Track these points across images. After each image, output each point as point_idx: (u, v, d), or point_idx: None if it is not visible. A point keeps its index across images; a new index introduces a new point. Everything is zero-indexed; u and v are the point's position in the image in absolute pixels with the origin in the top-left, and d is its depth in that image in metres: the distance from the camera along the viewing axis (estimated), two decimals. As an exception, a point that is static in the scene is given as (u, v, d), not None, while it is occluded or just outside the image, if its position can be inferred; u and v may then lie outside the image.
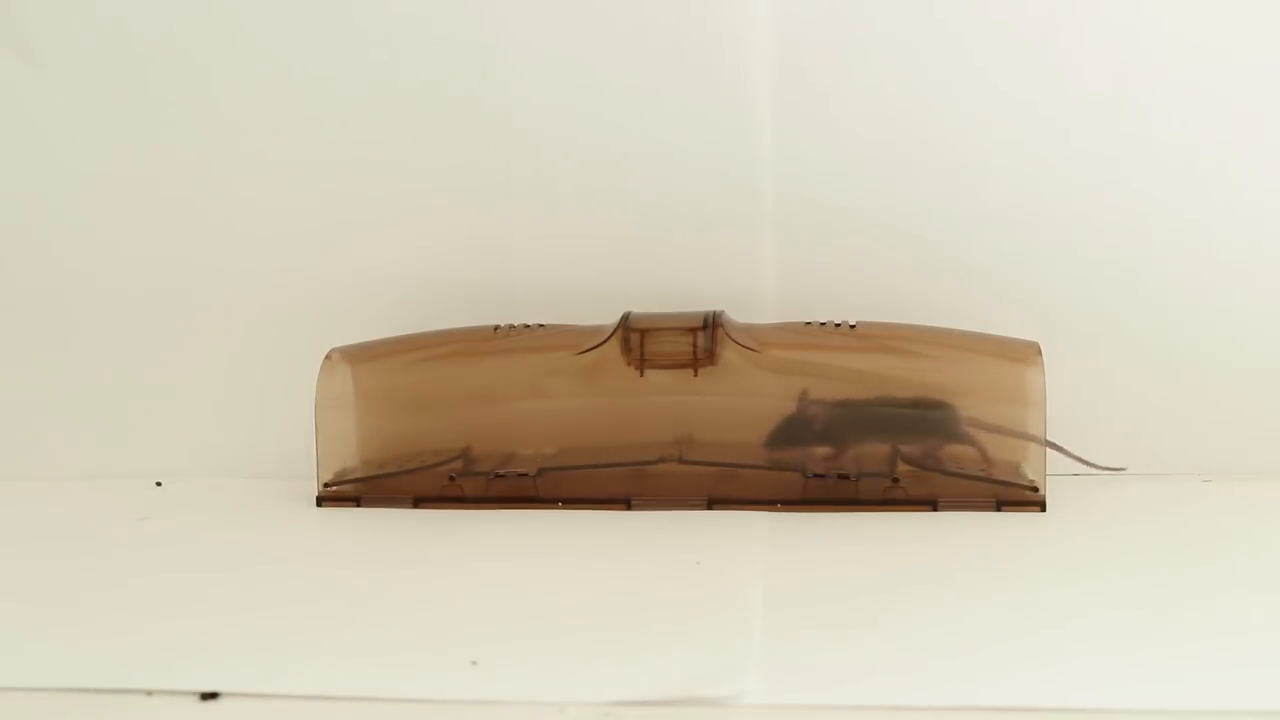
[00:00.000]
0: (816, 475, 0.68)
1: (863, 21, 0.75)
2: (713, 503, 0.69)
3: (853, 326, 0.70)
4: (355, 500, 0.72)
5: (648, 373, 0.70)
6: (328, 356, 0.73)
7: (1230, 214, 0.74)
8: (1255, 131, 0.74)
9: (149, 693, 0.46)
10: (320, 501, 0.72)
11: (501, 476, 0.71)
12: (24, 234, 0.81)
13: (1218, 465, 0.74)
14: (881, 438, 0.69)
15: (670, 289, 0.75)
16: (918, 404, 0.68)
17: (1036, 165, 0.75)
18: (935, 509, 0.67)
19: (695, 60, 0.76)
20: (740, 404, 0.70)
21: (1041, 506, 0.66)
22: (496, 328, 0.73)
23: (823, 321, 0.71)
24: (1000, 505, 0.67)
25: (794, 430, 0.69)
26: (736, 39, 0.76)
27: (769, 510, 0.68)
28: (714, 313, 0.70)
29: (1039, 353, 0.67)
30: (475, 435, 0.72)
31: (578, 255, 0.78)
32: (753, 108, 0.76)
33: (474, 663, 0.47)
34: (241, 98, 0.79)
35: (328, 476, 0.73)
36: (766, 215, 0.77)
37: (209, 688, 0.46)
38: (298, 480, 0.75)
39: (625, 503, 0.69)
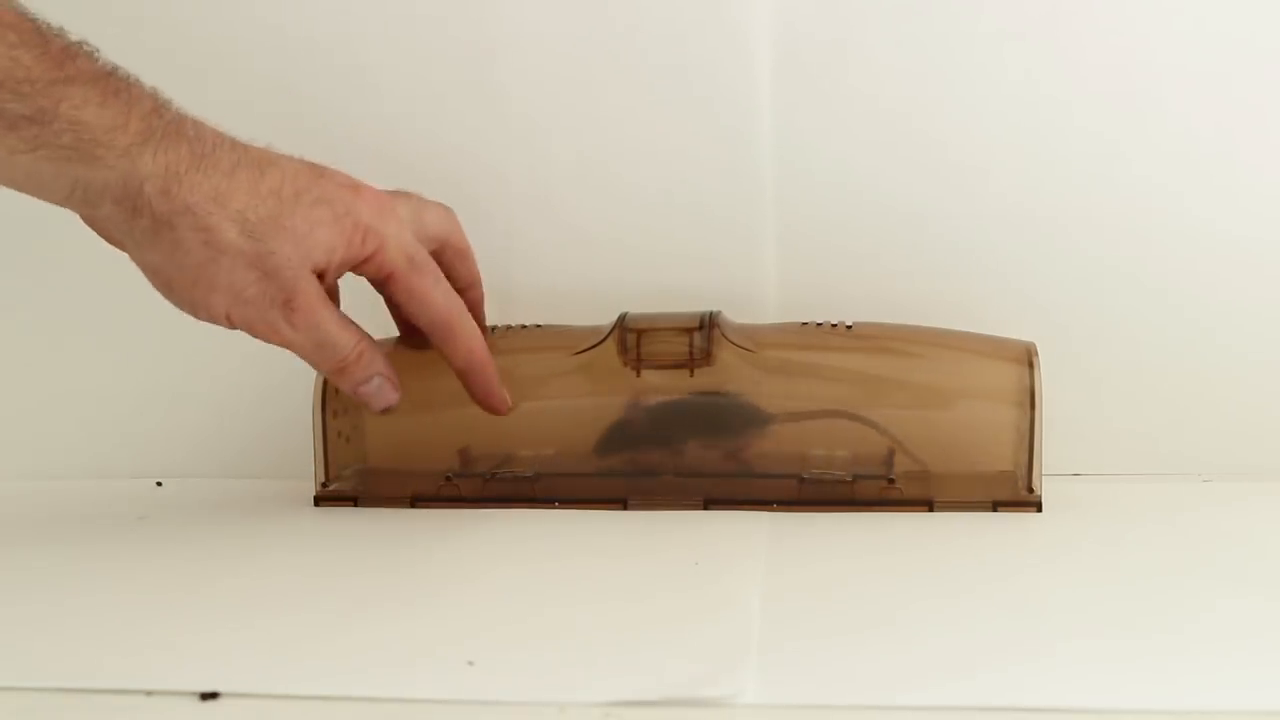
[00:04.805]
0: (813, 476, 0.68)
1: (863, 21, 0.75)
2: (709, 503, 0.69)
3: (849, 327, 0.70)
4: (353, 500, 0.72)
5: (644, 373, 0.70)
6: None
7: (1230, 213, 0.74)
8: (1256, 130, 0.74)
9: (149, 693, 0.46)
10: (318, 501, 0.72)
11: (498, 477, 0.71)
12: (23, 233, 0.81)
13: (1218, 465, 0.74)
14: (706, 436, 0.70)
15: (669, 289, 0.75)
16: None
17: (1035, 165, 0.75)
18: (931, 509, 0.67)
19: (695, 58, 0.76)
20: (736, 404, 0.70)
21: (1038, 507, 0.66)
22: (494, 328, 0.74)
23: (819, 322, 0.71)
24: (996, 506, 0.67)
25: (623, 434, 0.70)
26: (736, 37, 0.76)
27: (765, 510, 0.68)
28: (710, 313, 0.70)
29: (1035, 353, 0.67)
30: (472, 435, 0.73)
31: (576, 255, 0.78)
32: (752, 106, 0.76)
33: (470, 663, 0.47)
34: (239, 96, 0.79)
35: (325, 476, 0.73)
36: (766, 215, 0.77)
37: (209, 688, 0.46)
38: (296, 480, 0.75)
39: (621, 503, 0.69)
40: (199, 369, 0.81)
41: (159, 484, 0.79)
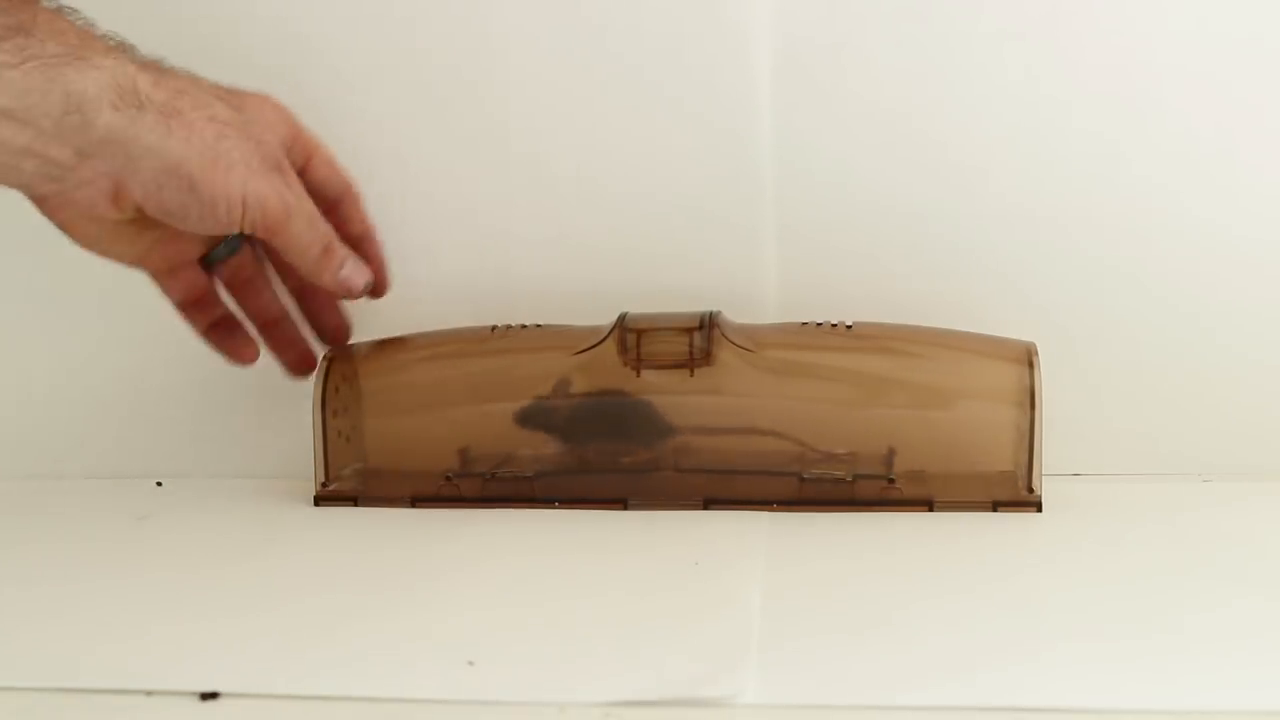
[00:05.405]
0: (813, 476, 0.68)
1: (862, 22, 0.75)
2: (709, 503, 0.69)
3: (849, 327, 0.70)
4: (353, 500, 0.72)
5: (644, 373, 0.70)
6: (326, 356, 0.73)
7: (1230, 213, 0.74)
8: (1256, 130, 0.73)
9: (149, 693, 0.46)
10: (318, 501, 0.72)
11: (498, 477, 0.71)
12: (23, 232, 0.81)
13: (1218, 465, 0.74)
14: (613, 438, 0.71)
15: (669, 289, 0.75)
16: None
17: (1035, 165, 0.75)
18: (931, 509, 0.67)
19: (694, 58, 0.76)
20: (736, 404, 0.70)
21: (1038, 507, 0.66)
22: (494, 328, 0.74)
23: (819, 322, 0.71)
24: (996, 506, 0.67)
25: (538, 414, 0.71)
26: (736, 37, 0.76)
27: (765, 510, 0.68)
28: (710, 313, 0.70)
29: (1035, 353, 0.67)
30: (472, 435, 0.73)
31: (576, 255, 0.78)
32: (752, 107, 0.76)
33: (470, 663, 0.47)
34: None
35: (325, 476, 0.73)
36: (766, 215, 0.77)
37: (209, 688, 0.46)
38: (296, 480, 0.75)
39: (622, 503, 0.69)
40: (199, 369, 0.81)
41: (159, 484, 0.79)
